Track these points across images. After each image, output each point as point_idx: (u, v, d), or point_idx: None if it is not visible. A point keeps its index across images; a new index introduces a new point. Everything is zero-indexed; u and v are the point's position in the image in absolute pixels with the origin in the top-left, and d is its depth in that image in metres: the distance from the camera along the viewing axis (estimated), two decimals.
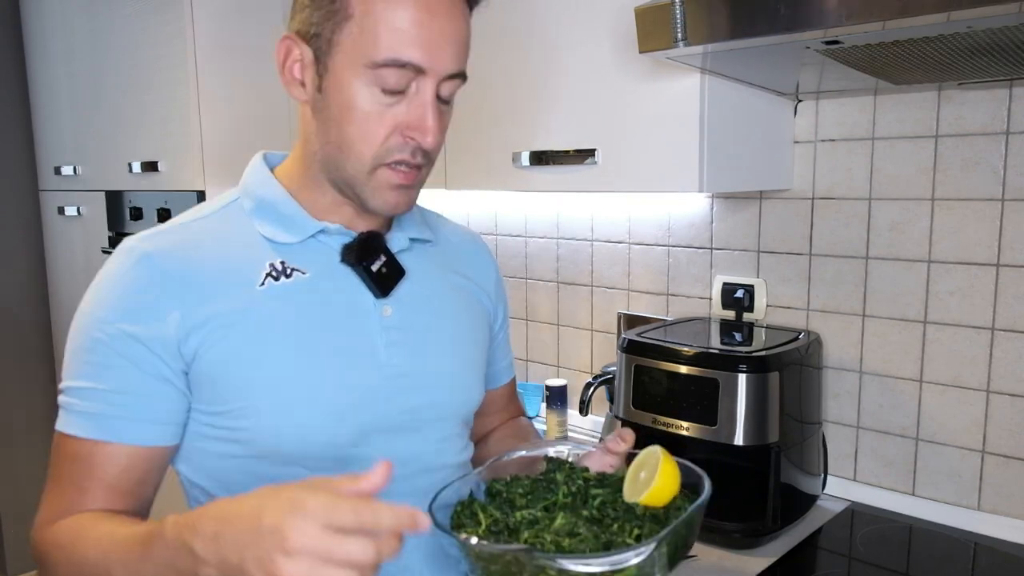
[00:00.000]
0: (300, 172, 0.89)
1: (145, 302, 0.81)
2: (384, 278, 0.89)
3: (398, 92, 0.80)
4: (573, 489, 0.83)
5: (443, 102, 0.84)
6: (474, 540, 0.71)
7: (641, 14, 1.03)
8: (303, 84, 0.85)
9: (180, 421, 0.84)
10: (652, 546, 0.68)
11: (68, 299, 2.59)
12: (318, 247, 0.88)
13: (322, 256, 0.88)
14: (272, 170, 0.92)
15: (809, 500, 1.40)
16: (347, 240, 0.88)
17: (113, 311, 0.81)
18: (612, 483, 0.83)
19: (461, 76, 0.83)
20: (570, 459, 0.90)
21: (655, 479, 0.78)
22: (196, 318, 0.81)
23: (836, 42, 0.93)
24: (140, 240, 0.85)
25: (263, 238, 0.87)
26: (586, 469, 0.86)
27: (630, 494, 0.80)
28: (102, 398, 0.80)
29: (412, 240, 0.95)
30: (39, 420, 2.76)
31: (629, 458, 0.87)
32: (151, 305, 0.81)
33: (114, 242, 2.28)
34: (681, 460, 0.81)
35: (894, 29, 0.85)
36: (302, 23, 0.83)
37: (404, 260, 0.92)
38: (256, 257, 0.86)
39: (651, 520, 0.76)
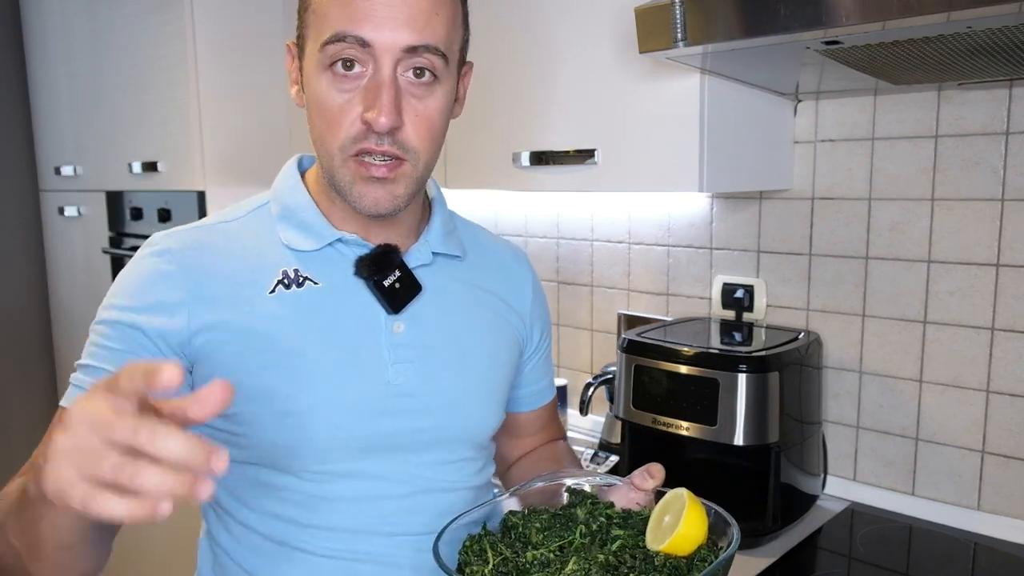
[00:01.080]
0: (318, 180, 0.89)
1: (156, 295, 0.81)
2: (397, 294, 0.86)
3: (353, 76, 0.78)
4: (594, 527, 0.79)
5: (419, 83, 0.79)
6: None
7: (641, 14, 1.03)
8: (300, 87, 0.86)
9: None
10: None
11: (68, 299, 2.59)
12: (335, 256, 0.87)
13: (338, 266, 0.86)
14: (304, 174, 0.92)
15: (809, 500, 1.40)
16: (363, 252, 0.86)
17: (125, 299, 0.82)
18: (636, 523, 0.79)
19: (430, 50, 0.78)
20: (594, 492, 0.85)
21: (679, 526, 0.73)
22: (204, 320, 0.81)
23: (836, 42, 0.93)
24: (165, 236, 0.86)
25: (283, 244, 0.86)
26: (611, 504, 0.83)
27: (652, 540, 0.76)
28: (100, 377, 0.80)
29: (436, 254, 0.92)
30: (39, 420, 2.76)
31: (658, 494, 0.82)
32: (161, 299, 0.81)
33: (114, 242, 2.28)
34: (708, 503, 0.77)
35: (894, 29, 0.85)
36: (296, 27, 0.85)
37: (424, 275, 0.89)
38: (273, 263, 0.85)
39: (671, 572, 0.71)
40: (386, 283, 0.85)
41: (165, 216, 2.06)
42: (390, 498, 0.86)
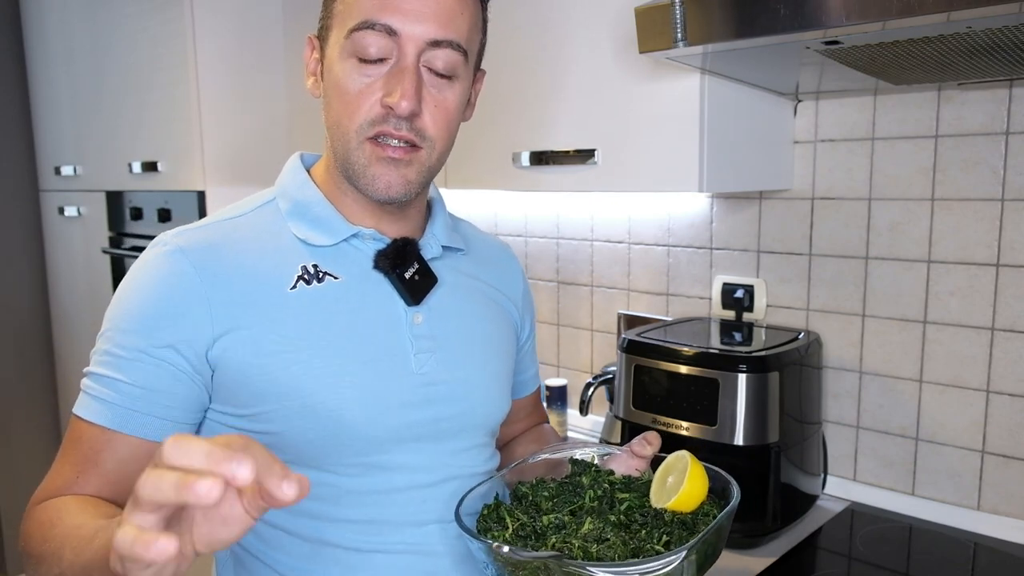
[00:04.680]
0: (328, 174, 0.90)
1: (175, 302, 0.80)
2: (416, 286, 0.88)
3: (378, 60, 0.80)
4: (599, 493, 0.82)
5: (439, 76, 0.82)
6: (506, 548, 0.70)
7: (641, 14, 1.03)
8: (317, 77, 0.87)
9: (193, 421, 0.83)
10: (683, 554, 0.67)
11: (68, 299, 2.59)
12: (351, 251, 0.88)
13: (355, 261, 0.87)
14: (309, 171, 0.92)
15: (809, 500, 1.40)
16: (380, 246, 0.88)
17: (143, 307, 0.80)
18: (638, 487, 0.83)
19: (452, 46, 0.81)
20: (595, 462, 0.89)
21: (683, 484, 0.77)
22: (227, 322, 0.80)
23: (836, 42, 0.93)
24: (175, 235, 0.84)
25: (297, 240, 0.86)
26: (611, 472, 0.86)
27: (657, 499, 0.80)
28: (118, 388, 0.79)
29: (444, 248, 0.94)
30: (39, 420, 2.76)
31: (654, 461, 0.86)
32: (181, 306, 0.80)
33: (114, 242, 2.28)
34: (709, 465, 0.81)
35: (894, 29, 0.85)
36: (319, 19, 0.86)
37: (436, 268, 0.91)
38: (289, 259, 0.85)
39: (679, 526, 0.75)
40: (407, 275, 0.87)
41: (165, 216, 2.06)
42: (419, 487, 0.87)
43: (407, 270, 0.87)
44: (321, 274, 0.85)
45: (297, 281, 0.84)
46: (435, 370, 0.88)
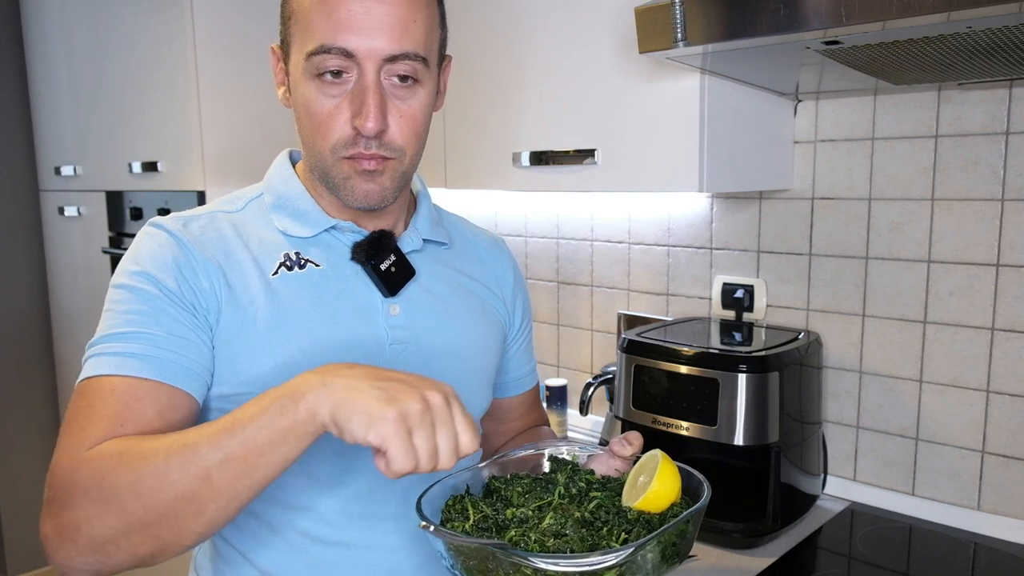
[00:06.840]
0: (307, 174, 0.92)
1: (181, 264, 0.82)
2: (393, 277, 0.89)
3: (339, 83, 0.81)
4: (573, 491, 0.82)
5: (402, 85, 0.83)
6: (432, 528, 0.70)
7: (641, 14, 1.03)
8: (287, 88, 0.89)
9: (208, 385, 0.82)
10: (629, 551, 0.66)
11: (68, 299, 2.59)
12: (331, 242, 0.90)
13: (334, 252, 0.89)
14: (295, 166, 0.95)
15: (809, 500, 1.40)
16: (358, 238, 0.90)
17: (155, 269, 0.82)
18: (614, 487, 0.82)
19: (410, 57, 0.81)
20: (576, 461, 0.89)
21: (652, 483, 0.77)
22: (222, 302, 0.82)
23: (836, 42, 0.93)
24: (171, 219, 0.87)
25: (280, 232, 0.89)
26: (591, 472, 0.86)
27: (628, 498, 0.79)
28: (151, 341, 0.78)
29: (426, 241, 0.95)
30: (39, 420, 2.76)
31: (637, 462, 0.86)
32: (186, 267, 0.82)
33: (114, 242, 2.28)
34: (682, 465, 0.80)
35: (894, 29, 0.85)
36: (279, 32, 0.88)
37: (415, 261, 0.92)
38: (272, 249, 0.87)
39: (643, 525, 0.74)
40: (383, 267, 0.88)
41: (165, 216, 2.06)
42: (388, 481, 0.86)
43: (383, 262, 0.89)
44: (303, 261, 0.87)
45: (279, 267, 0.86)
46: (410, 361, 0.89)
